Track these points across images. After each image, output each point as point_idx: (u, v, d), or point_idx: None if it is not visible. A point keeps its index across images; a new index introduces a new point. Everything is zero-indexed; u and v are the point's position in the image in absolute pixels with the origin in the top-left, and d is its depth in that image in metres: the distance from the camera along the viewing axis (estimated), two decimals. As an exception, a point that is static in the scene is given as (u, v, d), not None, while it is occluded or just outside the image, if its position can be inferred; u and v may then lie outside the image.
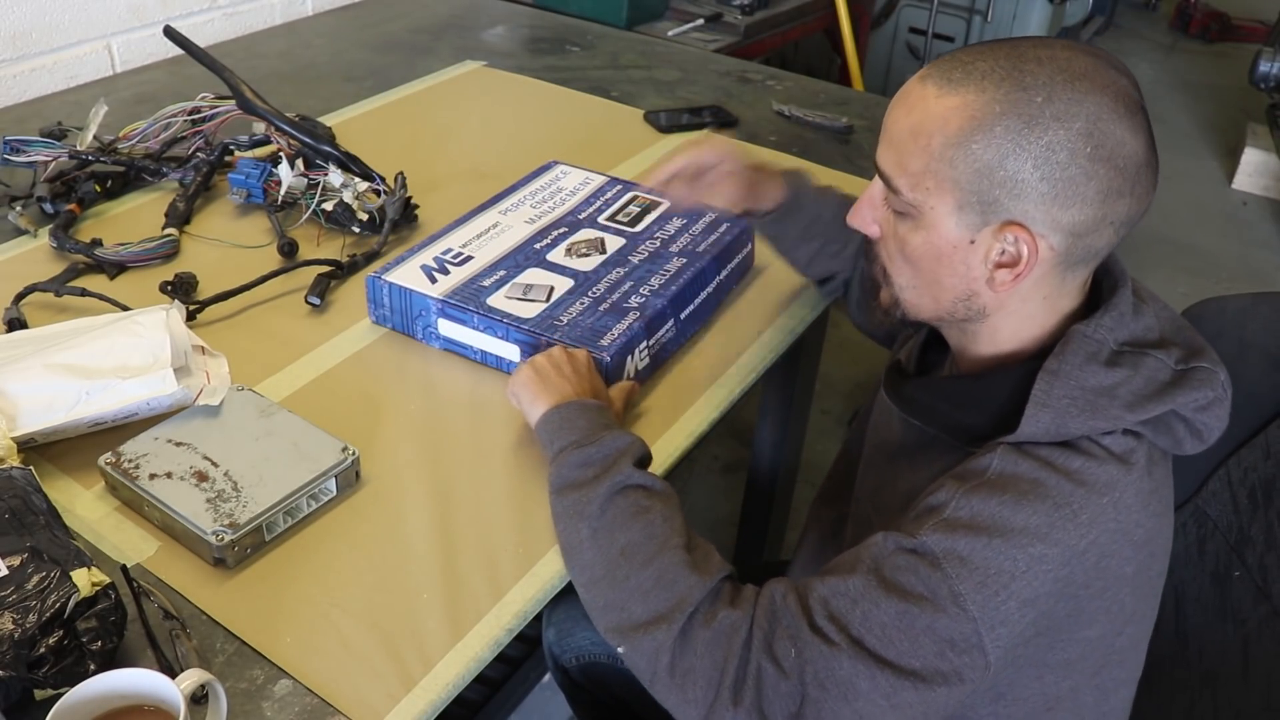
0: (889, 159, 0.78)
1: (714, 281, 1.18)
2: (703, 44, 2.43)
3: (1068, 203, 0.72)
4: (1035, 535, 0.71)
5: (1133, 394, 0.74)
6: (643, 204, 1.26)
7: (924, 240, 0.77)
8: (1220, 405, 0.77)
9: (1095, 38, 5.05)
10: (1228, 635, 0.96)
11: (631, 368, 1.05)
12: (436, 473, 0.96)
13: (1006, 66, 0.72)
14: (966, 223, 0.75)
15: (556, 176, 1.32)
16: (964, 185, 0.73)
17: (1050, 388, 0.74)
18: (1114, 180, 0.72)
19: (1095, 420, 0.73)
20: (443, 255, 1.14)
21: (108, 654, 0.74)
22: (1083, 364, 0.75)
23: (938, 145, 0.73)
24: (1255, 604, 0.94)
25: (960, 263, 0.77)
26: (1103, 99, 0.71)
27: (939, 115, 0.73)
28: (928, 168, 0.74)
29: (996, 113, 0.71)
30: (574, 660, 1.27)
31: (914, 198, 0.76)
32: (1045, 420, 0.74)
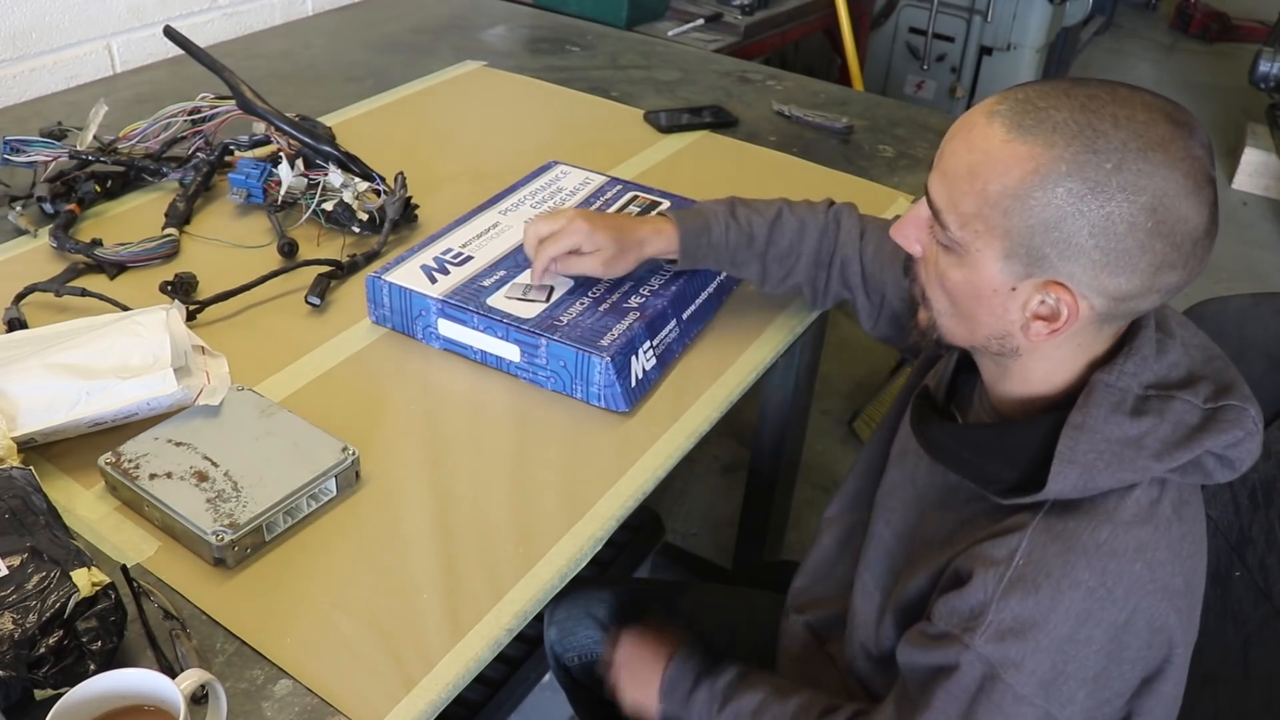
0: (941, 192, 0.76)
1: (715, 281, 1.18)
2: (703, 44, 2.43)
3: (1117, 271, 0.70)
4: (1079, 621, 0.72)
5: (1160, 443, 0.73)
6: (643, 204, 1.26)
7: (965, 278, 0.76)
8: (1252, 440, 0.75)
9: (1095, 38, 5.05)
10: (1228, 636, 0.96)
11: (638, 368, 1.05)
12: (436, 473, 0.96)
13: (1081, 122, 0.69)
14: (1011, 271, 0.73)
15: (556, 176, 1.32)
16: (1014, 236, 0.72)
17: (1076, 443, 0.73)
18: (1169, 255, 0.70)
19: (1123, 473, 0.73)
20: (443, 255, 1.14)
21: (108, 654, 0.74)
22: (1107, 416, 0.73)
23: (994, 192, 0.71)
24: (1256, 604, 0.94)
25: (999, 305, 0.75)
26: (1174, 174, 0.68)
27: (1002, 161, 0.71)
28: (980, 212, 0.73)
29: (1062, 172, 0.69)
30: (576, 659, 1.27)
31: (961, 236, 0.74)
32: (1072, 477, 0.73)
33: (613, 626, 1.22)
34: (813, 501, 2.24)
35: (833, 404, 2.55)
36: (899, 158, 1.58)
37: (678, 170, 1.51)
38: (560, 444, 1.00)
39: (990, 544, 0.76)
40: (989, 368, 0.84)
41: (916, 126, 1.69)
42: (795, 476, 1.86)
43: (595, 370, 1.01)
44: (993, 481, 0.78)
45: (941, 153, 0.77)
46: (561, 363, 1.03)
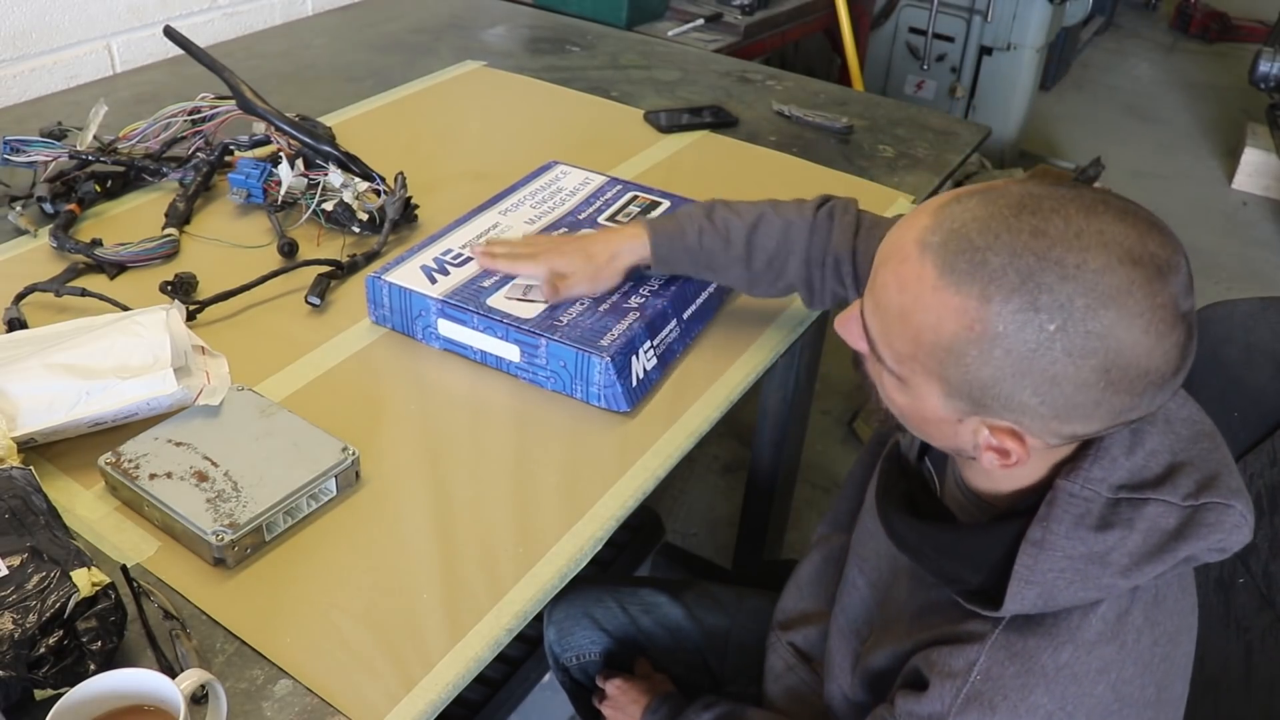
0: (875, 323, 0.70)
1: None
2: (703, 44, 2.43)
3: (1070, 420, 0.64)
4: None
5: (1129, 556, 0.67)
6: (643, 204, 1.26)
7: (909, 404, 0.71)
8: (1239, 533, 0.68)
9: (1095, 38, 5.06)
10: (1230, 643, 0.96)
11: (639, 368, 1.05)
12: (436, 473, 0.96)
13: (1022, 273, 0.61)
14: (955, 407, 0.68)
15: (556, 176, 1.32)
16: (953, 384, 0.66)
17: (1035, 562, 0.68)
18: (1130, 401, 0.63)
19: (1086, 591, 0.68)
20: (443, 256, 1.14)
21: (108, 654, 0.74)
22: (1069, 531, 0.67)
23: (928, 342, 0.66)
24: (1259, 611, 0.94)
25: (949, 430, 0.70)
26: (1130, 330, 0.60)
27: (934, 311, 0.64)
28: (915, 354, 0.67)
29: (999, 332, 0.62)
30: (574, 659, 1.28)
31: (899, 370, 0.70)
32: (1030, 596, 0.68)
33: (602, 671, 1.26)
34: (813, 501, 2.24)
35: (833, 404, 2.55)
36: (899, 158, 1.58)
37: (678, 170, 1.51)
38: (560, 444, 1.00)
39: (949, 651, 0.72)
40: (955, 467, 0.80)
41: (916, 126, 1.69)
42: (795, 476, 1.86)
43: (595, 370, 1.01)
44: (955, 581, 0.74)
45: (873, 280, 0.70)
46: (561, 363, 1.03)
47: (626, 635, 1.27)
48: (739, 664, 1.22)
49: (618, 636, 1.27)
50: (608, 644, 1.27)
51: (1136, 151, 3.99)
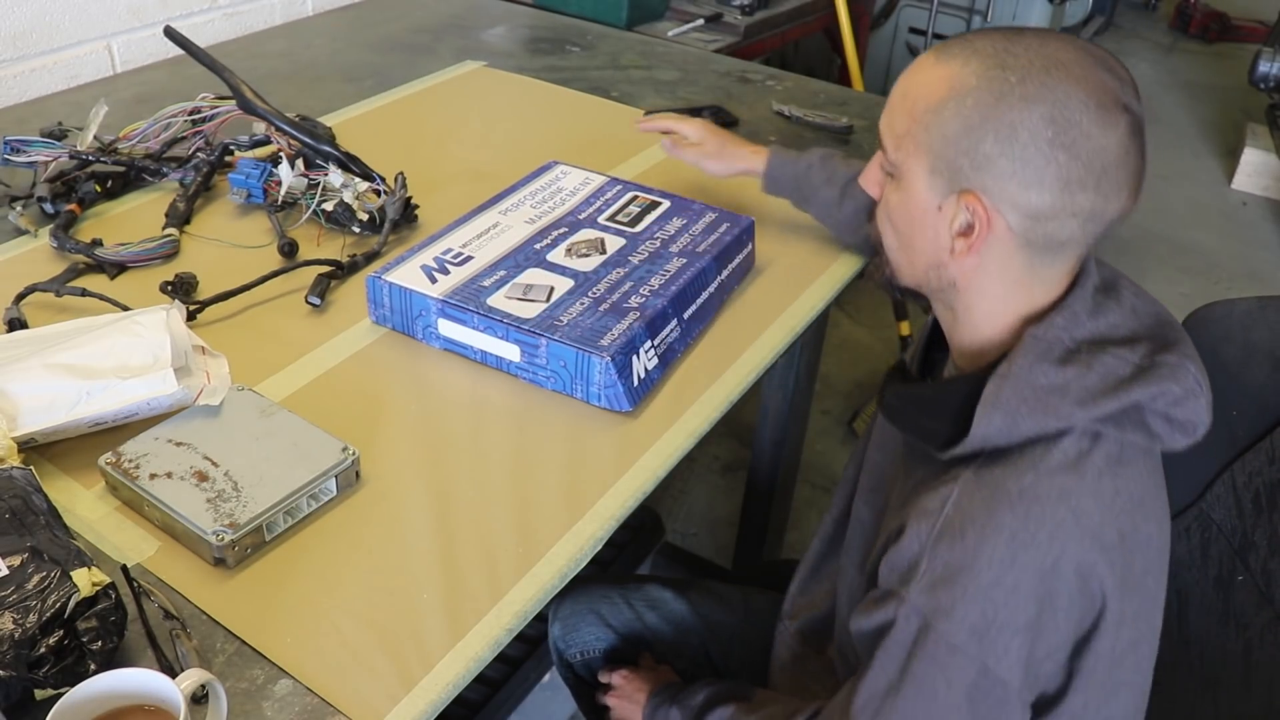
0: (885, 120, 0.82)
1: (715, 281, 1.18)
2: (703, 44, 2.43)
3: (1025, 183, 0.73)
4: (1004, 566, 0.73)
5: (1085, 390, 0.74)
6: (643, 204, 1.26)
7: (901, 201, 0.81)
8: (1195, 399, 0.76)
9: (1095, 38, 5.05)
10: (1230, 640, 0.96)
11: (640, 368, 1.05)
12: (436, 473, 0.96)
13: (998, 46, 0.75)
14: (936, 188, 0.78)
15: (556, 177, 1.32)
16: (935, 150, 0.77)
17: (1000, 389, 0.75)
18: (1074, 170, 0.73)
19: (1046, 419, 0.74)
20: (443, 255, 1.14)
21: (108, 654, 0.74)
22: (1032, 364, 0.75)
23: (920, 109, 0.77)
24: (1258, 609, 0.94)
25: (930, 228, 0.80)
26: (1075, 90, 0.72)
27: (927, 82, 0.78)
28: (909, 131, 0.78)
29: (972, 85, 0.74)
30: (578, 655, 1.29)
31: (896, 158, 0.80)
32: (996, 421, 0.75)
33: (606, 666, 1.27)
34: (813, 501, 2.24)
35: (833, 404, 2.55)
36: (899, 158, 1.58)
37: (678, 170, 1.51)
38: (560, 444, 1.00)
39: (926, 496, 0.78)
40: (944, 315, 0.87)
41: (916, 126, 1.69)
42: (795, 476, 1.86)
43: (595, 370, 1.01)
44: (932, 436, 0.80)
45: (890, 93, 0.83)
46: (561, 363, 1.03)
47: (631, 631, 1.27)
48: (744, 658, 1.22)
49: (622, 632, 1.27)
50: (612, 640, 1.27)
51: (1136, 151, 3.99)
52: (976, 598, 0.73)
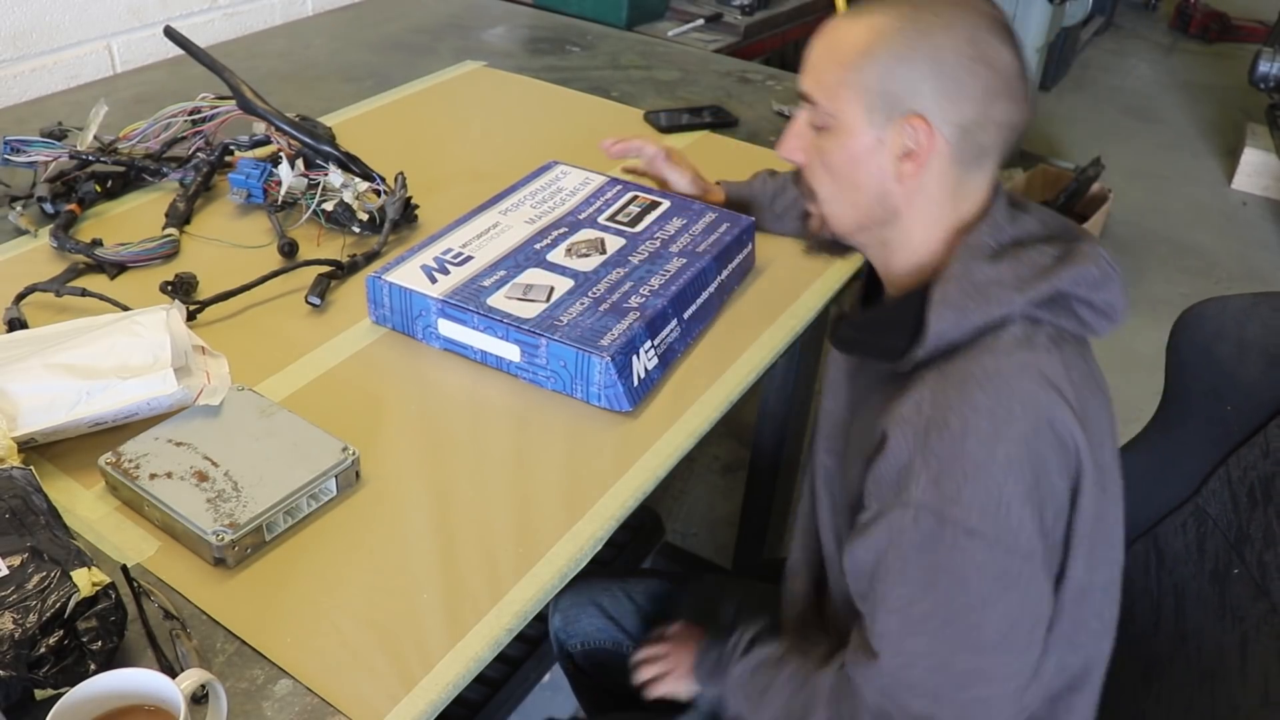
0: (809, 81, 0.88)
1: (715, 281, 1.18)
2: (703, 44, 2.43)
3: (956, 98, 0.82)
4: (991, 441, 0.77)
5: (1018, 278, 0.82)
6: (643, 204, 1.26)
7: (841, 146, 0.87)
8: (1112, 282, 0.84)
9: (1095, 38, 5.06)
10: (1226, 633, 0.96)
11: (640, 368, 1.05)
12: (436, 473, 0.96)
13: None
14: (874, 123, 0.85)
15: (556, 177, 1.32)
16: (871, 89, 0.84)
17: (946, 289, 0.83)
18: (993, 81, 0.83)
19: (990, 306, 0.81)
20: (443, 255, 1.14)
21: (108, 654, 0.74)
22: (968, 264, 0.84)
23: (850, 57, 0.85)
24: (1254, 601, 0.94)
25: (873, 162, 0.86)
26: (981, 19, 0.83)
27: (850, 33, 0.85)
28: (841, 79, 0.85)
29: (896, 27, 0.83)
30: (579, 646, 1.29)
31: (831, 107, 0.86)
32: (949, 317, 0.82)
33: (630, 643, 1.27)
34: (813, 501, 2.24)
35: (833, 404, 2.55)
36: (899, 158, 1.58)
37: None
38: (560, 444, 1.00)
39: (899, 404, 0.82)
40: (879, 252, 0.92)
41: (916, 126, 1.69)
42: (795, 476, 1.86)
43: (595, 370, 1.01)
44: (891, 352, 0.86)
45: (805, 57, 0.90)
46: (562, 363, 1.03)
47: (632, 623, 1.28)
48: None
49: (624, 625, 1.28)
50: (613, 631, 1.28)
51: (1136, 151, 3.99)
52: (979, 477, 0.77)
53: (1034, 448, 0.78)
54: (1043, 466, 0.79)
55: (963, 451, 0.78)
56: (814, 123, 0.89)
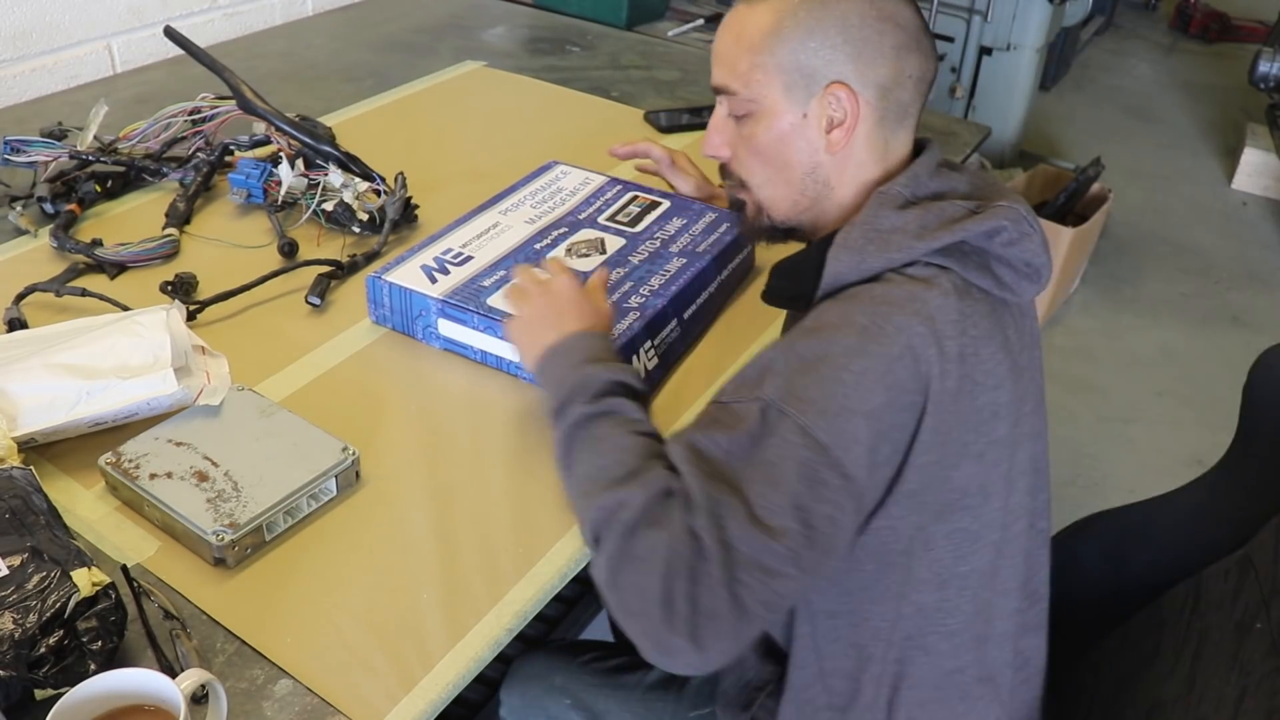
0: (722, 73, 0.89)
1: (715, 281, 1.18)
2: (703, 44, 2.43)
3: (871, 60, 0.85)
4: (853, 353, 0.77)
5: (920, 226, 0.82)
6: (643, 204, 1.26)
7: (766, 128, 0.88)
8: (1030, 239, 0.83)
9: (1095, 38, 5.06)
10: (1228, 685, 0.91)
11: (640, 368, 1.05)
12: (436, 473, 0.96)
13: None
14: (796, 99, 0.86)
15: (556, 177, 1.32)
16: (786, 67, 0.86)
17: (848, 234, 0.84)
18: (901, 37, 0.85)
19: (889, 252, 0.81)
20: (443, 255, 1.14)
21: (108, 654, 0.74)
22: (876, 211, 0.84)
23: (758, 41, 0.86)
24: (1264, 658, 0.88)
25: (800, 138, 0.88)
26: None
27: (753, 19, 0.87)
28: (754, 63, 0.86)
29: (796, 3, 0.85)
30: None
31: (749, 93, 0.88)
32: (845, 259, 0.83)
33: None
34: (813, 501, 2.23)
35: (833, 404, 2.54)
36: (899, 158, 1.58)
37: (678, 170, 1.51)
38: (560, 444, 1.00)
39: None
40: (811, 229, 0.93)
41: (916, 126, 1.69)
42: (795, 476, 1.85)
43: None
44: (799, 298, 0.88)
45: (713, 53, 0.91)
46: None
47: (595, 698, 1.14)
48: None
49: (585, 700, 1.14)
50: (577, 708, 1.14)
51: (1136, 151, 3.99)
52: (828, 381, 0.76)
53: (894, 372, 0.77)
54: (896, 394, 0.77)
55: (824, 356, 0.77)
56: (734, 113, 0.90)
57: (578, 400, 0.85)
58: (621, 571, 0.76)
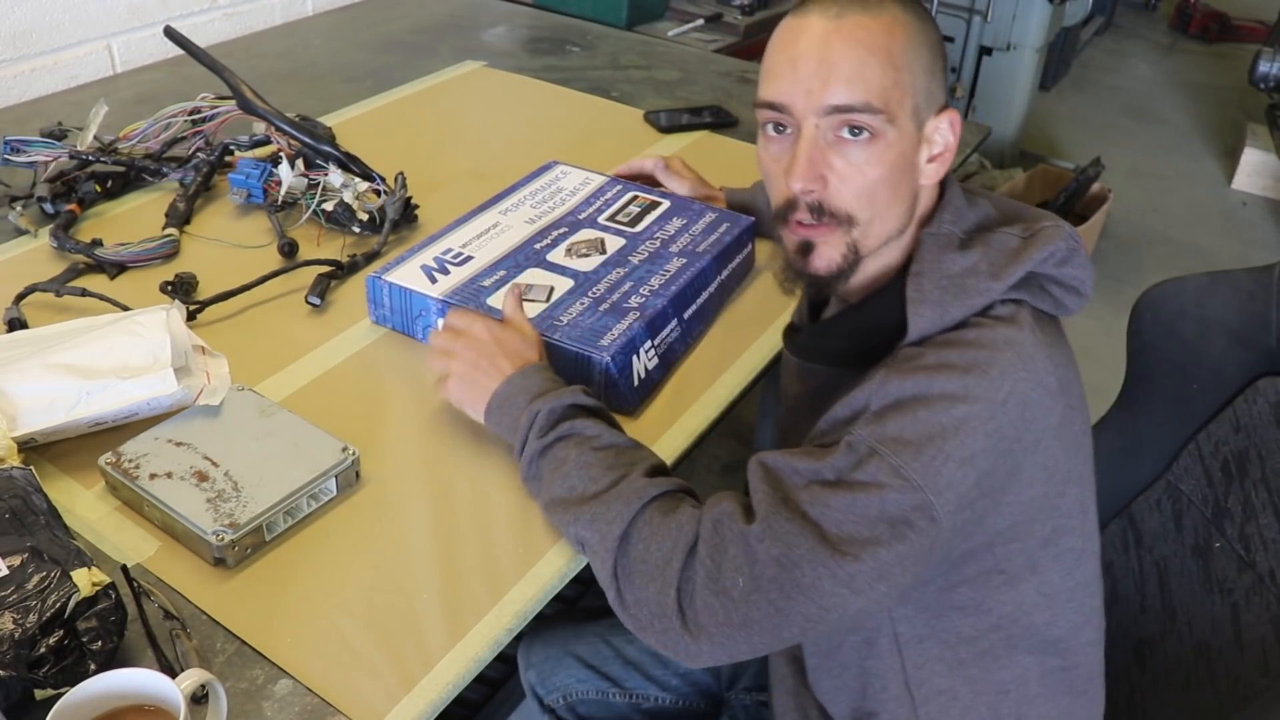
0: (855, 89, 0.79)
1: (715, 281, 1.18)
2: (703, 44, 2.43)
3: (942, 81, 0.84)
4: (955, 398, 0.74)
5: (991, 265, 0.80)
6: (643, 204, 1.26)
7: (893, 155, 0.81)
8: (1078, 255, 0.82)
9: (1095, 38, 5.06)
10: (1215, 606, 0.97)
11: (640, 368, 1.05)
12: (436, 473, 0.96)
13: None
14: (915, 121, 0.82)
15: (557, 176, 1.32)
16: (916, 86, 0.81)
17: (921, 285, 0.80)
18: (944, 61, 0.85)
19: (970, 298, 0.79)
20: (443, 255, 1.14)
21: (108, 654, 0.74)
22: (938, 256, 0.81)
23: (896, 55, 0.80)
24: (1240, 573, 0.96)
25: (914, 165, 0.83)
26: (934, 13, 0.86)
27: (883, 31, 0.80)
28: (896, 79, 0.80)
29: (915, 20, 0.82)
30: (561, 700, 1.24)
31: (890, 107, 0.80)
32: (928, 314, 0.79)
33: (615, 690, 1.21)
34: (812, 501, 2.24)
35: (832, 404, 2.54)
36: (899, 158, 1.58)
37: (678, 170, 1.51)
38: (560, 444, 1.00)
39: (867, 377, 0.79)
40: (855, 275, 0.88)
41: (916, 126, 1.69)
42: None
43: (595, 370, 1.01)
44: (863, 358, 0.82)
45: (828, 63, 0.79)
46: (561, 363, 1.03)
47: (614, 667, 1.22)
48: (736, 669, 1.21)
49: (604, 670, 1.22)
50: (594, 679, 1.22)
51: (1136, 151, 3.99)
52: (924, 423, 0.74)
53: (998, 419, 0.75)
54: (996, 441, 0.75)
55: (920, 396, 0.75)
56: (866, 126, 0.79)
57: (533, 439, 0.88)
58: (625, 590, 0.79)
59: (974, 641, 0.85)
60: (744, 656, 0.78)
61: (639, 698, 1.22)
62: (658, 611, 0.78)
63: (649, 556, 0.79)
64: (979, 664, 0.86)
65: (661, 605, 0.77)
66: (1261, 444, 0.95)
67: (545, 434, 0.88)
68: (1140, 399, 1.06)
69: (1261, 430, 0.95)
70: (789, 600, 0.74)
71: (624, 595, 0.80)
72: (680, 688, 1.21)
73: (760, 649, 0.77)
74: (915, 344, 0.80)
